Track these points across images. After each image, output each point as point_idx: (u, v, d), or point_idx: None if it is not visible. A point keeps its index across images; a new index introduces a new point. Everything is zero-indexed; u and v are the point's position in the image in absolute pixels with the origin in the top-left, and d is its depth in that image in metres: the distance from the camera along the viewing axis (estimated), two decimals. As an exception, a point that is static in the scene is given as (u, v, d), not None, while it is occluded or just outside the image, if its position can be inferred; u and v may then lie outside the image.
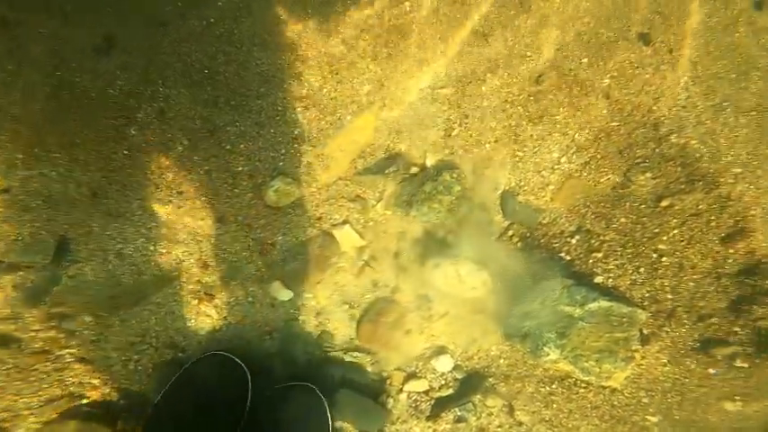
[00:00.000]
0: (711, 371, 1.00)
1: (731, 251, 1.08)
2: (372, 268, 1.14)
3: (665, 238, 1.11)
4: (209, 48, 1.24)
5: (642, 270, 1.10)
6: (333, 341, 1.10)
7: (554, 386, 1.05)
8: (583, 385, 1.03)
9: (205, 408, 0.94)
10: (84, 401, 0.98)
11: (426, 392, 1.09)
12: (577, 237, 1.16)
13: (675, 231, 1.11)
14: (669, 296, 1.06)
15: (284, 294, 1.08)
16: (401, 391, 1.08)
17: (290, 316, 1.09)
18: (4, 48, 1.15)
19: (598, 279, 1.10)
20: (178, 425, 0.93)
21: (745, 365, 0.98)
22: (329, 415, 0.98)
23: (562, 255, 1.15)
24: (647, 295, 1.07)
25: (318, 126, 1.22)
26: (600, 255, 1.13)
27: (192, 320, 1.05)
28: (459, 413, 1.05)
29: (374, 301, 1.13)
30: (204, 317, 1.05)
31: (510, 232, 1.20)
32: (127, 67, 1.18)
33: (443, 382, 1.10)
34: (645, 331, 1.04)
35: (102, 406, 0.98)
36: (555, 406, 1.03)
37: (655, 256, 1.10)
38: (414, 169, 1.22)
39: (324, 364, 1.07)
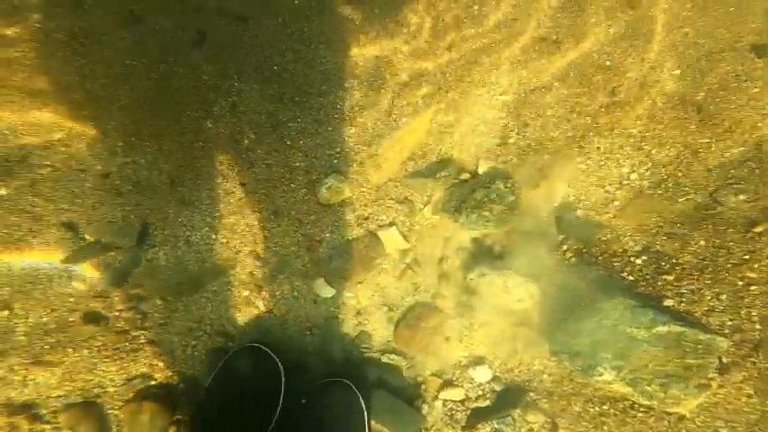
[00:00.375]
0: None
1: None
2: (415, 272, 1.16)
3: (755, 266, 1.00)
4: (280, 45, 1.29)
5: (723, 297, 1.00)
6: (370, 342, 1.14)
7: (605, 407, 1.01)
8: (642, 409, 0.98)
9: (243, 398, 1.00)
10: (152, 383, 1.09)
11: (462, 402, 1.09)
12: (644, 257, 1.08)
13: (770, 260, 0.97)
14: (757, 326, 0.97)
15: (327, 292, 1.14)
16: (437, 398, 1.09)
17: (331, 314, 1.14)
18: (130, 42, 1.30)
19: (668, 302, 1.02)
20: (222, 413, 0.99)
21: None
22: (366, 413, 1.01)
23: (624, 275, 1.09)
24: (728, 323, 0.99)
25: (374, 126, 1.25)
26: (671, 278, 1.04)
27: (242, 311, 1.14)
28: (496, 426, 1.04)
29: (414, 306, 1.15)
30: (252, 308, 1.13)
31: (564, 247, 1.15)
32: (211, 61, 1.27)
33: (481, 392, 1.10)
34: (724, 360, 0.97)
35: (164, 388, 1.09)
36: (606, 428, 1.00)
37: (741, 283, 1.00)
38: (464, 175, 1.21)
39: (360, 363, 1.11)
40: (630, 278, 1.06)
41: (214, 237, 1.15)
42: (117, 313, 1.11)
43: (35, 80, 1.22)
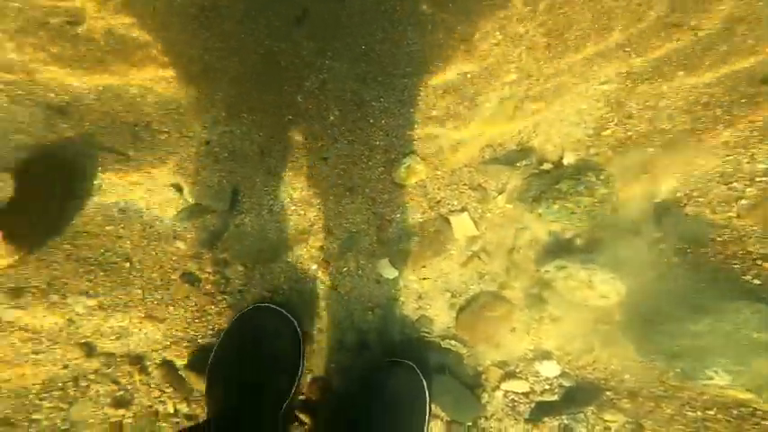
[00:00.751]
0: None
1: None
2: (481, 260, 1.15)
3: None
4: (372, 24, 1.30)
5: None
6: (431, 326, 1.15)
7: (711, 412, 0.96)
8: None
9: (260, 358, 1.02)
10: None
11: (526, 394, 1.08)
12: (775, 261, 0.97)
13: None
14: None
15: (390, 273, 1.16)
16: (497, 388, 1.09)
17: (393, 295, 1.17)
18: (240, 15, 1.39)
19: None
20: (236, 370, 1.00)
21: None
22: (428, 397, 1.03)
23: (748, 278, 1.01)
24: None
25: (456, 110, 1.25)
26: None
27: (310, 284, 1.19)
28: (566, 422, 1.02)
29: (479, 294, 1.14)
30: (319, 282, 1.19)
31: (662, 246, 1.07)
32: (311, 38, 1.33)
33: (547, 387, 1.08)
34: None
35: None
36: (712, 433, 0.93)
37: None
38: (546, 165, 1.16)
39: (420, 347, 1.13)
40: (756, 282, 0.98)
41: (293, 208, 1.23)
42: (207, 275, 1.17)
43: (166, 53, 1.37)
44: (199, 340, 1.13)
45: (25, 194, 1.04)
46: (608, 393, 1.02)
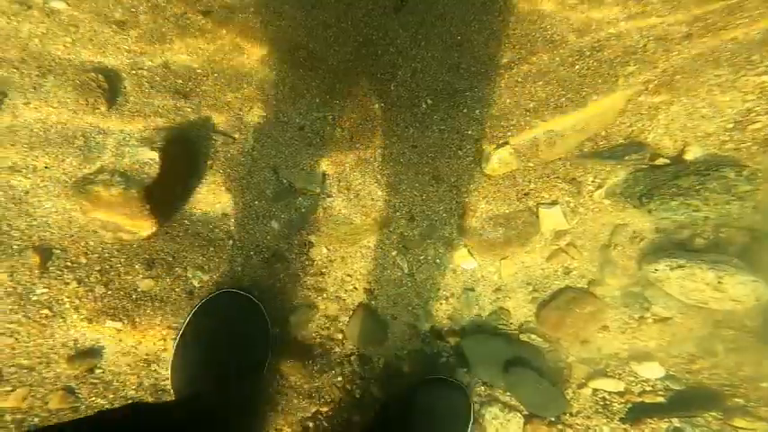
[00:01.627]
0: None
1: None
2: (569, 255, 1.12)
3: None
4: (467, 14, 1.29)
5: None
6: (508, 319, 1.15)
7: None
8: None
9: (225, 341, 1.02)
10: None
11: (621, 394, 1.03)
12: None
13: None
14: None
15: (468, 263, 1.19)
16: (584, 385, 1.06)
17: (469, 285, 1.19)
18: (344, 6, 1.47)
19: None
20: (203, 354, 1.00)
21: None
22: (472, 419, 1.02)
23: None
24: None
25: (557, 103, 1.24)
26: None
27: (387, 270, 1.22)
28: (678, 424, 0.97)
29: (565, 289, 1.12)
30: (396, 269, 1.22)
31: None
32: (406, 27, 1.34)
33: (649, 388, 1.03)
34: None
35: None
36: None
37: None
38: (661, 160, 1.10)
39: (495, 338, 1.13)
40: None
41: (379, 194, 1.28)
42: (294, 257, 1.22)
43: (275, 40, 1.49)
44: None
45: (164, 172, 1.18)
46: (737, 400, 0.95)
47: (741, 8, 1.18)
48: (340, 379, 1.11)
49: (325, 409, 1.05)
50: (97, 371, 1.02)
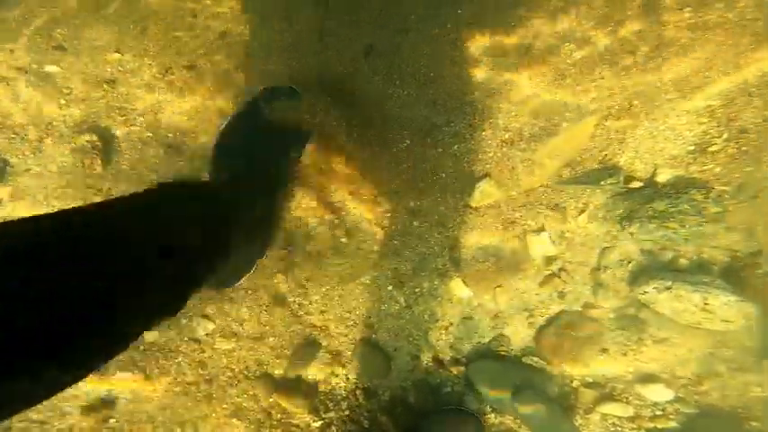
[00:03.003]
0: None
1: None
2: (562, 279, 1.13)
3: None
4: (439, 52, 1.28)
5: None
6: (509, 344, 1.15)
7: None
8: None
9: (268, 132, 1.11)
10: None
11: (631, 419, 1.01)
12: None
13: None
14: None
15: (463, 292, 1.18)
16: (592, 410, 1.04)
17: (467, 314, 1.18)
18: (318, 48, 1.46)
19: None
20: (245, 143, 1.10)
21: None
22: None
23: None
24: None
25: (531, 132, 1.25)
26: None
27: (385, 304, 1.21)
28: None
29: (560, 313, 1.12)
30: (394, 302, 1.21)
31: None
32: (376, 71, 1.32)
33: (659, 412, 1.00)
34: None
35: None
36: None
37: None
38: (635, 183, 1.12)
39: (500, 363, 1.11)
40: None
41: (370, 230, 1.23)
42: (293, 300, 1.21)
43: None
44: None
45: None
46: (753, 424, 0.93)
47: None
48: (347, 413, 1.10)
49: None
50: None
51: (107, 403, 1.04)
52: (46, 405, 0.98)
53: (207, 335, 1.19)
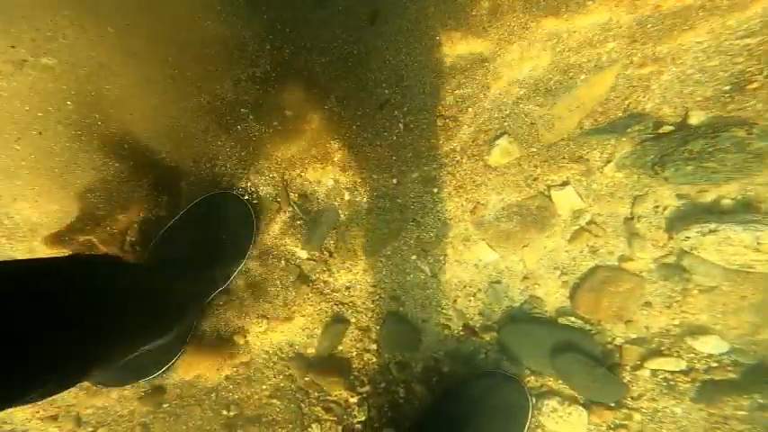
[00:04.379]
0: None
1: None
2: (592, 234, 1.05)
3: None
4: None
5: None
6: (543, 306, 1.08)
7: None
8: None
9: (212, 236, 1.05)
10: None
11: (685, 372, 0.95)
12: None
13: None
14: None
15: (490, 256, 1.12)
16: (640, 367, 0.98)
17: (495, 278, 1.12)
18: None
19: None
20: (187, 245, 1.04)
21: None
22: (530, 415, 0.95)
23: None
24: None
25: (546, 86, 1.16)
26: None
27: (410, 275, 1.16)
28: (761, 400, 0.88)
29: (594, 269, 1.04)
30: (419, 272, 1.16)
31: None
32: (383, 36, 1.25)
33: (715, 364, 0.94)
34: None
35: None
36: None
37: None
38: (665, 128, 1.02)
39: (535, 326, 1.05)
40: None
41: (394, 202, 1.16)
42: (317, 276, 1.18)
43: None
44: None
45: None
46: None
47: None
48: (383, 385, 1.08)
49: (374, 413, 1.03)
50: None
51: (158, 389, 1.11)
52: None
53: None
